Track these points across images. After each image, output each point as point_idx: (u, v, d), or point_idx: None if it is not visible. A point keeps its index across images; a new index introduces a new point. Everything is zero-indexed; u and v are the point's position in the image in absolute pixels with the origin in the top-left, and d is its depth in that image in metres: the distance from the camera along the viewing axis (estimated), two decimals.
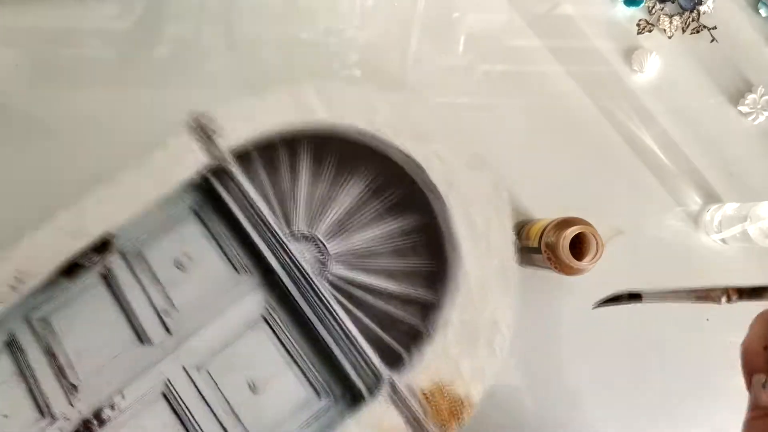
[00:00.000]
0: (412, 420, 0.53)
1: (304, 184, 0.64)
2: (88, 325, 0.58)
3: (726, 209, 0.67)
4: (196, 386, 0.57)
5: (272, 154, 0.63)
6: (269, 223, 0.59)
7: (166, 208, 0.60)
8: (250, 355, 0.58)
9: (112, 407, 0.55)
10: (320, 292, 0.57)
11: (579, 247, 0.58)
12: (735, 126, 0.71)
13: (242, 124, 0.59)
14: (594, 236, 0.58)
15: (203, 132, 0.58)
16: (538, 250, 0.60)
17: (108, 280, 0.59)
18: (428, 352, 0.54)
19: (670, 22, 0.70)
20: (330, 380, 0.58)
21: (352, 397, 0.57)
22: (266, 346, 0.58)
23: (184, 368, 0.57)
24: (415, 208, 0.61)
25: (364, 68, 0.68)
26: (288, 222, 0.63)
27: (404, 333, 0.59)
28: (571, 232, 0.57)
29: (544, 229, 0.60)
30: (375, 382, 0.55)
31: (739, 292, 0.40)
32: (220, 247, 0.61)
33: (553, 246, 0.58)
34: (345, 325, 0.56)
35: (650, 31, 0.70)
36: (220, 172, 0.60)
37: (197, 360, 0.57)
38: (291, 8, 0.69)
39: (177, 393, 0.56)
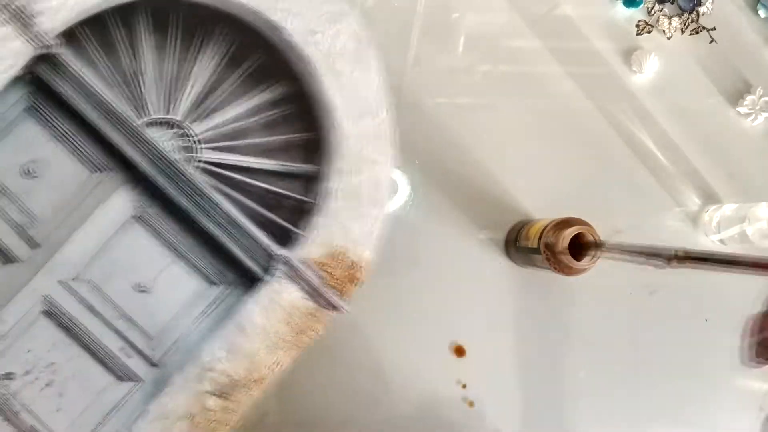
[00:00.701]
0: (310, 290, 0.53)
1: (149, 61, 0.57)
2: None
3: (725, 210, 0.68)
4: (79, 297, 0.54)
5: (104, 30, 0.57)
6: (118, 112, 0.53)
7: None
8: (131, 256, 0.55)
9: None
10: (192, 180, 0.54)
11: (578, 247, 0.58)
12: (734, 127, 0.71)
13: (60, 1, 0.51)
14: (593, 236, 0.58)
15: (17, 15, 0.50)
16: (537, 251, 0.60)
17: None
18: (317, 223, 0.53)
19: (670, 23, 0.70)
20: (222, 267, 0.56)
21: (249, 280, 0.55)
22: (146, 245, 0.56)
23: (61, 282, 0.54)
24: (278, 73, 0.57)
25: None
26: (140, 108, 0.57)
27: (290, 208, 0.57)
28: (570, 233, 0.57)
29: (544, 230, 0.60)
30: (268, 261, 0.54)
31: (685, 257, 0.40)
32: (69, 147, 0.55)
33: (552, 246, 0.58)
34: (226, 211, 0.54)
35: (649, 32, 0.70)
36: (47, 60, 0.53)
37: (73, 271, 0.54)
38: None
39: (60, 308, 0.54)
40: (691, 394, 0.68)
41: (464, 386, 0.66)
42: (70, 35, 0.54)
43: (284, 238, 0.55)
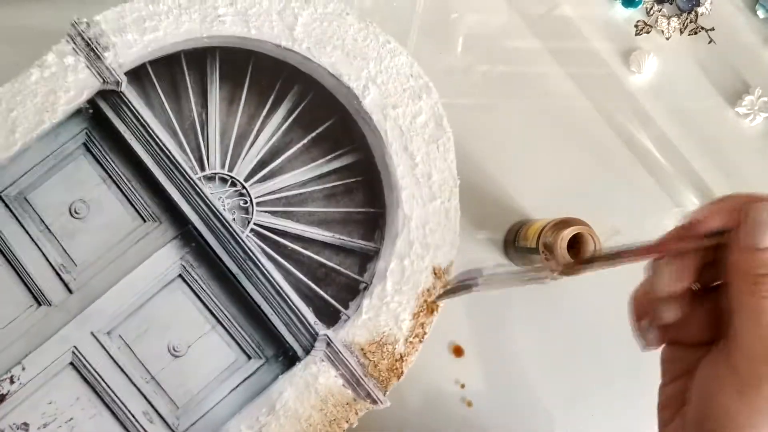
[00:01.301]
0: (350, 377, 0.50)
1: (215, 111, 0.55)
2: None
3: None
4: (108, 353, 0.51)
5: (173, 72, 0.55)
6: (178, 162, 0.51)
7: (50, 143, 0.52)
8: (168, 316, 0.53)
9: (12, 380, 0.50)
10: (244, 243, 0.51)
11: (577, 247, 0.58)
12: (732, 127, 0.71)
13: (136, 33, 0.50)
14: (592, 237, 0.58)
15: (88, 45, 0.49)
16: (535, 251, 0.60)
17: None
18: (366, 306, 0.50)
19: (668, 24, 0.70)
20: (260, 341, 0.53)
21: (286, 358, 0.53)
22: (185, 306, 0.53)
23: (93, 334, 0.51)
24: (347, 142, 0.55)
25: None
26: (200, 160, 0.55)
27: (340, 286, 0.55)
28: (568, 233, 0.57)
29: (542, 230, 0.60)
30: (310, 340, 0.51)
31: (565, 266, 0.40)
32: (121, 191, 0.53)
33: (550, 246, 0.58)
34: (274, 280, 0.51)
35: (648, 32, 0.70)
36: (110, 97, 0.51)
37: (106, 324, 0.52)
38: None
39: (87, 361, 0.51)
40: None
41: (463, 386, 0.66)
42: (138, 73, 0.52)
43: (331, 317, 0.52)
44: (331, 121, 0.55)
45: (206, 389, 0.53)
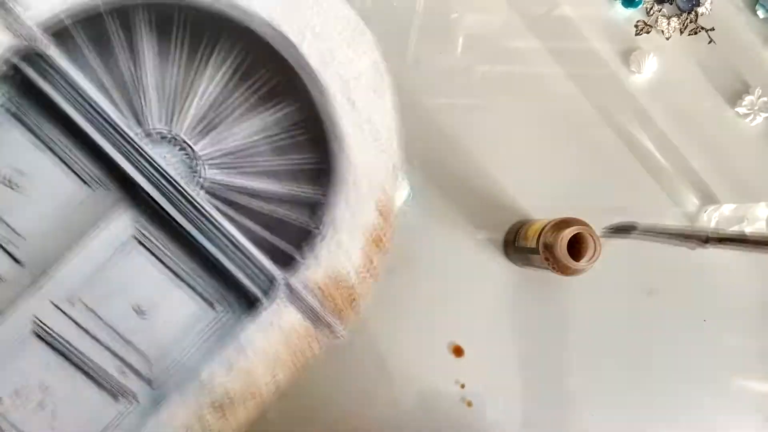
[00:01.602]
0: (310, 314, 0.53)
1: (149, 68, 0.53)
2: None
3: (723, 210, 0.68)
4: (72, 319, 0.52)
5: (100, 28, 0.52)
6: (114, 122, 0.49)
7: None
8: (129, 279, 0.53)
9: None
10: (195, 201, 0.51)
11: (577, 247, 0.58)
12: (732, 127, 0.71)
13: None
14: (591, 237, 0.58)
15: None
16: (536, 251, 0.60)
17: None
18: (319, 249, 0.53)
19: (668, 24, 0.70)
20: (222, 290, 0.55)
21: (249, 303, 0.55)
22: (145, 267, 0.53)
23: (53, 303, 0.51)
24: (289, 94, 0.54)
25: None
26: (138, 119, 0.53)
27: (294, 233, 0.56)
28: (569, 233, 0.57)
29: (542, 230, 0.60)
30: (269, 285, 0.53)
31: (720, 238, 0.41)
32: (58, 156, 0.51)
33: (550, 246, 0.58)
34: (230, 234, 0.52)
35: (648, 32, 0.70)
36: (32, 56, 0.48)
37: (66, 292, 0.52)
38: None
39: (51, 330, 0.51)
40: (689, 395, 0.68)
41: (463, 386, 0.66)
42: (62, 33, 0.49)
43: (286, 262, 0.54)
44: (270, 73, 0.54)
45: (175, 340, 0.54)
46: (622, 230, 0.53)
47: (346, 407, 0.60)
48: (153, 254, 0.54)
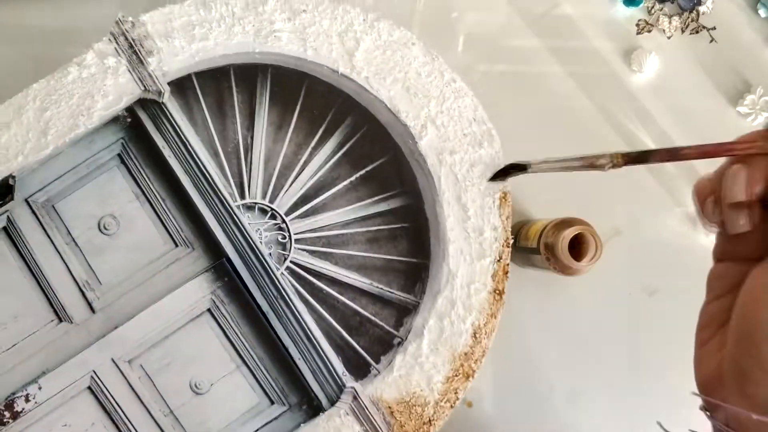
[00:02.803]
0: None
1: (261, 136, 0.51)
2: None
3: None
4: (127, 381, 0.49)
5: (220, 88, 0.51)
6: (217, 187, 0.47)
7: (83, 150, 0.48)
8: (193, 351, 0.50)
9: (27, 398, 0.47)
10: (278, 282, 0.48)
11: (578, 247, 0.58)
12: (734, 127, 0.71)
13: (183, 39, 0.46)
14: (593, 237, 0.58)
15: (131, 47, 0.45)
16: (537, 251, 0.60)
17: (11, 235, 0.48)
18: (399, 363, 0.47)
19: (670, 23, 0.70)
20: (285, 386, 0.51)
21: (310, 407, 0.50)
22: (212, 342, 0.50)
23: (114, 360, 0.49)
24: (396, 184, 0.51)
25: None
26: (240, 187, 0.51)
27: (373, 338, 0.52)
28: (570, 233, 0.57)
29: (543, 230, 0.60)
30: (336, 391, 0.48)
31: (625, 157, 0.39)
32: (154, 210, 0.50)
33: (552, 246, 0.58)
34: (305, 323, 0.48)
35: (649, 31, 0.70)
36: (151, 108, 0.48)
37: (128, 352, 0.49)
38: None
39: (105, 388, 0.49)
40: (689, 395, 0.67)
41: None
42: (182, 85, 0.48)
43: (360, 369, 0.49)
44: (382, 160, 0.51)
45: (225, 430, 0.50)
46: (512, 170, 0.46)
47: None
48: (223, 331, 0.50)
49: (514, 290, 0.67)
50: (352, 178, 0.51)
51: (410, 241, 0.51)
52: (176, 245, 0.50)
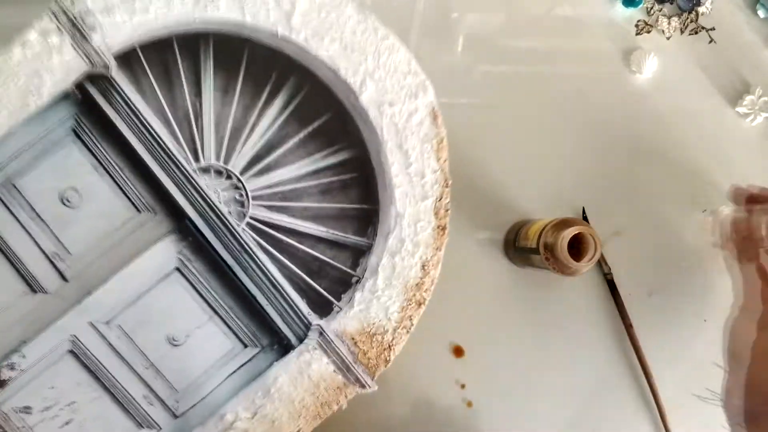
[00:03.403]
0: (341, 364, 0.52)
1: (209, 101, 0.53)
2: None
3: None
4: (107, 341, 0.52)
5: (166, 59, 0.53)
6: (172, 153, 0.50)
7: (36, 128, 0.49)
8: (166, 308, 0.54)
9: (12, 367, 0.50)
10: (240, 237, 0.51)
11: (577, 247, 0.58)
12: (733, 127, 0.71)
13: (124, 13, 0.47)
14: (592, 237, 0.58)
15: (73, 25, 0.46)
16: (536, 251, 0.60)
17: None
18: (358, 299, 0.52)
19: (669, 23, 0.70)
20: (256, 330, 0.55)
21: (281, 346, 0.55)
22: (183, 298, 0.53)
23: (92, 323, 0.52)
24: (343, 138, 0.54)
25: None
26: (194, 151, 0.54)
27: (333, 279, 0.55)
28: (569, 233, 0.57)
29: (543, 230, 0.60)
30: (304, 329, 0.53)
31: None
32: (114, 180, 0.52)
33: (551, 246, 0.58)
34: (270, 273, 0.52)
35: (649, 32, 0.70)
36: (100, 82, 0.49)
37: (104, 314, 0.52)
38: None
39: (87, 349, 0.52)
40: (689, 395, 0.68)
41: (463, 386, 0.66)
42: (128, 58, 0.50)
43: (323, 308, 0.53)
44: (327, 116, 0.54)
45: (204, 375, 0.54)
46: None
47: (346, 408, 0.60)
48: (193, 286, 0.54)
49: (513, 290, 0.68)
50: (301, 135, 0.54)
51: (360, 189, 0.55)
52: (139, 211, 0.53)
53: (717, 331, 0.62)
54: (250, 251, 0.52)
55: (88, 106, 0.51)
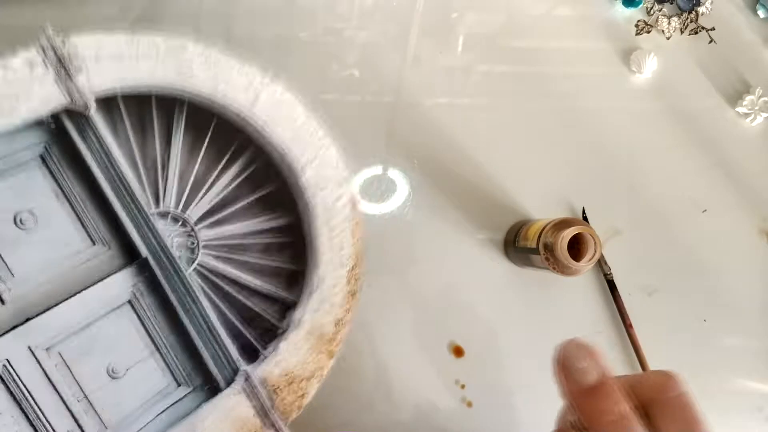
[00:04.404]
0: (260, 409, 0.55)
1: (177, 155, 0.59)
2: None
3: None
4: (42, 369, 0.51)
5: (143, 110, 0.57)
6: (135, 196, 0.54)
7: (5, 147, 0.50)
8: (112, 339, 0.54)
9: None
10: (187, 282, 0.55)
11: (577, 247, 0.58)
12: (733, 127, 0.71)
13: (112, 65, 0.51)
14: (592, 237, 0.58)
15: (60, 62, 0.48)
16: (536, 251, 0.60)
17: None
18: (281, 348, 0.56)
19: (669, 23, 0.70)
20: (191, 370, 0.57)
21: (211, 388, 0.58)
22: (130, 331, 0.55)
23: (30, 348, 0.51)
24: (285, 207, 0.61)
25: (363, 68, 0.68)
26: (156, 198, 0.58)
27: (263, 328, 0.60)
28: (569, 233, 0.57)
29: (542, 230, 0.60)
30: (232, 373, 0.56)
31: None
32: (73, 209, 0.53)
33: (551, 246, 0.58)
34: (209, 318, 0.56)
35: (649, 32, 0.70)
36: (76, 116, 0.51)
37: (47, 340, 0.51)
38: (290, 8, 0.69)
39: (17, 375, 0.50)
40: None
41: (463, 386, 0.66)
42: (109, 102, 0.53)
43: (252, 356, 0.58)
44: (274, 186, 0.61)
45: (136, 412, 0.56)
46: None
47: (346, 408, 0.60)
48: (141, 321, 0.56)
49: (513, 290, 0.68)
50: (251, 198, 0.61)
51: (293, 252, 0.62)
52: (94, 243, 0.55)
53: (716, 330, 0.62)
54: (194, 295, 0.56)
55: (60, 136, 0.52)
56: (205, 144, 0.59)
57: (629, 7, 0.70)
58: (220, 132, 0.59)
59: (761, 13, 0.71)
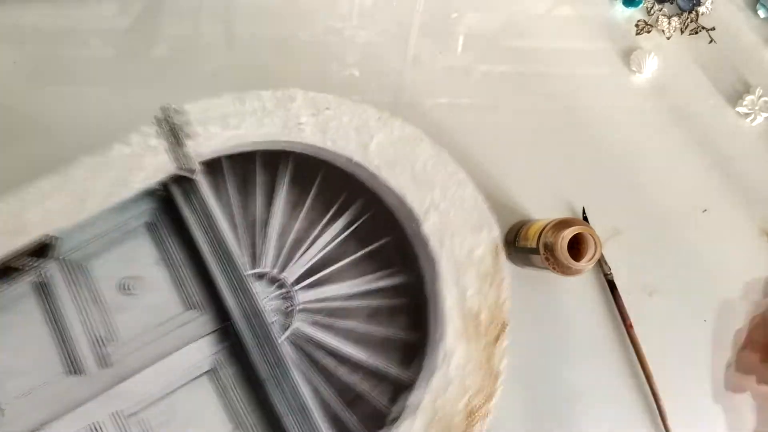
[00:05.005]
0: None
1: (278, 213, 0.55)
2: (16, 340, 0.50)
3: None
4: None
5: (246, 168, 0.56)
6: (232, 258, 0.51)
7: (117, 217, 0.52)
8: (192, 410, 0.51)
9: None
10: (279, 351, 0.49)
11: (577, 247, 0.58)
12: (733, 127, 0.71)
13: (218, 128, 0.52)
14: (592, 237, 0.58)
15: (172, 131, 0.51)
16: (536, 251, 0.60)
17: (43, 291, 0.51)
18: None
19: (669, 23, 0.70)
20: None
21: None
22: (210, 403, 0.51)
23: (117, 414, 0.50)
24: (399, 262, 0.54)
25: (363, 68, 0.68)
26: (254, 257, 0.55)
27: (367, 413, 0.51)
28: (569, 233, 0.57)
29: (543, 230, 0.60)
30: None
31: None
32: (173, 274, 0.53)
33: (551, 246, 0.58)
34: (301, 395, 0.48)
35: (649, 31, 0.70)
36: (183, 182, 0.52)
37: (130, 406, 0.51)
38: (290, 8, 0.69)
39: None
40: (689, 395, 0.68)
41: None
42: (212, 164, 0.53)
43: None
44: (386, 239, 0.54)
45: None
46: None
47: None
48: (222, 392, 0.52)
49: (513, 290, 0.68)
50: (358, 254, 0.54)
51: (409, 318, 0.53)
52: (187, 308, 0.53)
53: (716, 330, 0.62)
54: (285, 366, 0.49)
55: (166, 202, 0.53)
56: (311, 196, 0.55)
57: (629, 6, 0.70)
58: (327, 183, 0.55)
59: (761, 13, 0.71)
